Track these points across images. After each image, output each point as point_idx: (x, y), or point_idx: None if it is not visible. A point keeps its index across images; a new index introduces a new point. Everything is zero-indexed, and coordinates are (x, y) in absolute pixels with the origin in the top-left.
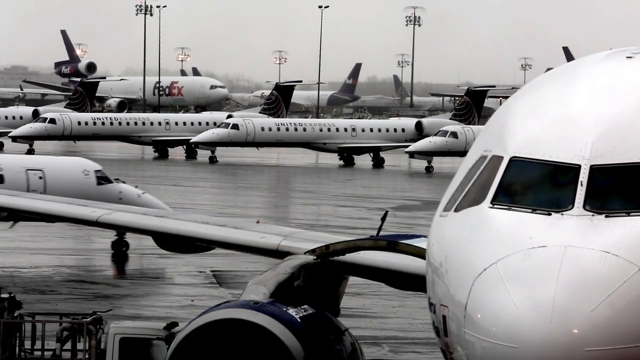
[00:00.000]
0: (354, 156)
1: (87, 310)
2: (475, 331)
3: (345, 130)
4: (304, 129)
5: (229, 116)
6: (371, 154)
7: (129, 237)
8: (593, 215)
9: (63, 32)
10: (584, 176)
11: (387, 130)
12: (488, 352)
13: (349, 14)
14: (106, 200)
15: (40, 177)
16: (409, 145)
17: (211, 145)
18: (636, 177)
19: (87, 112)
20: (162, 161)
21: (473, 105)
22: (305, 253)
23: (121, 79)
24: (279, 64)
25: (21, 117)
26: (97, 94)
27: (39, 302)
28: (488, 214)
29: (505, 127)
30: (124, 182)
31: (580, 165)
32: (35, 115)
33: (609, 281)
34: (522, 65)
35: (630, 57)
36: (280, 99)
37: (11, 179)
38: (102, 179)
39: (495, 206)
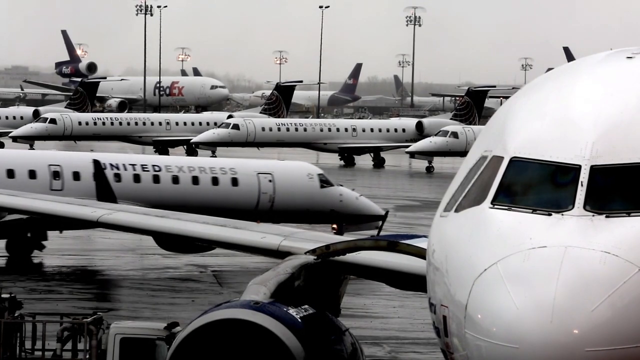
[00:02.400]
0: (355, 156)
1: (88, 310)
2: (476, 331)
3: (346, 130)
4: (305, 129)
5: (230, 116)
6: (372, 154)
7: (130, 237)
8: (593, 215)
9: (63, 32)
10: (584, 176)
11: (388, 131)
12: (488, 352)
13: (349, 14)
14: (328, 203)
15: (270, 180)
16: (409, 146)
17: (212, 145)
18: (636, 178)
19: (87, 112)
20: None
21: (474, 105)
22: (305, 253)
23: (122, 79)
24: (280, 64)
25: (22, 117)
26: (97, 94)
27: (39, 302)
28: (488, 214)
29: (506, 128)
30: (341, 185)
31: (580, 166)
32: (36, 116)
33: (609, 281)
34: (522, 65)
35: (631, 57)
36: (280, 99)
37: (244, 182)
38: (325, 182)
39: (496, 206)
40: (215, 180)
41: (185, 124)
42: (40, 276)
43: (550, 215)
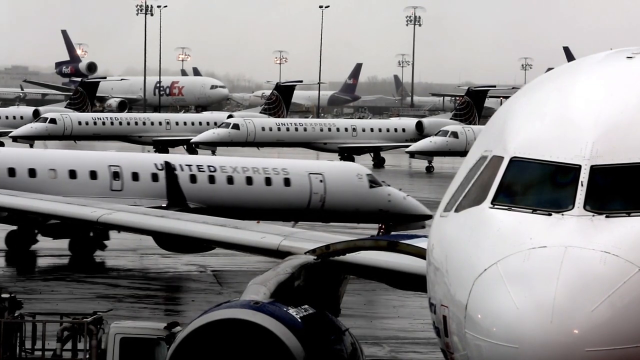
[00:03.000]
0: (355, 156)
1: (88, 310)
2: (476, 331)
3: (346, 130)
4: (305, 129)
5: (230, 116)
6: (372, 154)
7: (130, 237)
8: (593, 215)
9: (64, 32)
10: (584, 176)
11: (388, 130)
12: (488, 352)
13: (349, 14)
14: (376, 203)
15: (321, 181)
16: (409, 145)
17: (212, 145)
18: (636, 177)
19: (87, 112)
20: None
21: (474, 105)
22: (305, 253)
23: (122, 79)
24: (280, 64)
25: (22, 117)
26: (97, 94)
27: (39, 302)
28: (488, 214)
29: (506, 128)
30: (389, 185)
31: (580, 166)
32: (36, 115)
33: (609, 281)
34: (522, 65)
35: (631, 57)
36: (280, 99)
37: (296, 182)
38: (373, 182)
39: (496, 206)
40: (268, 181)
41: (185, 123)
42: (41, 276)
43: (550, 215)
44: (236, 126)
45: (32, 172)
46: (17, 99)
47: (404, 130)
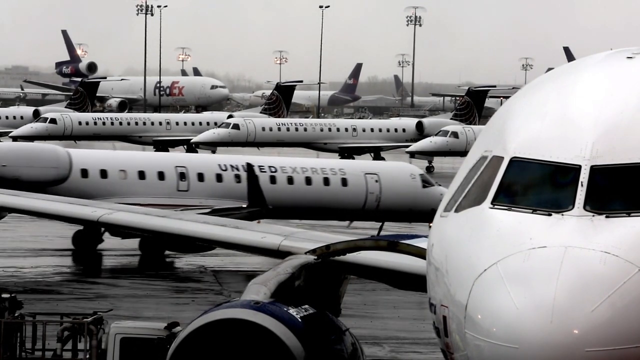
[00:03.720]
0: (355, 156)
1: (88, 310)
2: (476, 331)
3: (346, 130)
4: (305, 129)
5: (230, 116)
6: (372, 154)
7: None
8: (593, 215)
9: (64, 32)
10: (584, 177)
11: (388, 130)
12: (488, 352)
13: (349, 14)
14: (429, 202)
15: (376, 181)
16: (409, 145)
17: (212, 145)
18: (636, 178)
19: (87, 112)
20: None
21: (474, 105)
22: (306, 253)
23: (122, 79)
24: (280, 64)
25: (22, 117)
26: (97, 94)
27: (39, 302)
28: (488, 215)
29: (506, 128)
30: (440, 185)
31: (580, 166)
32: (36, 115)
33: (609, 281)
34: (522, 65)
35: (631, 57)
36: (281, 99)
37: (353, 182)
38: (426, 182)
39: (496, 207)
40: (326, 181)
41: (185, 123)
42: (41, 276)
43: (550, 215)
44: (236, 126)
45: (103, 173)
46: (17, 99)
47: (404, 130)
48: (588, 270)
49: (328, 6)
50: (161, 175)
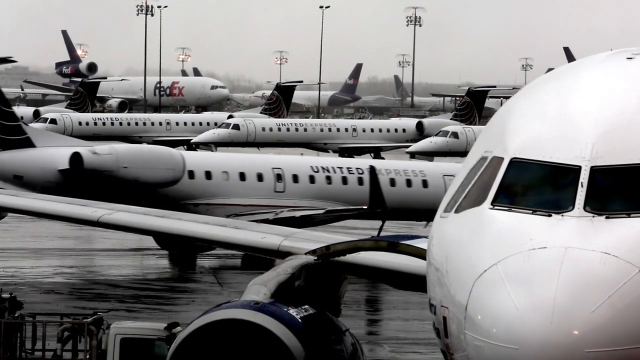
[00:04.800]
0: (355, 156)
1: (88, 311)
2: (476, 332)
3: (346, 130)
4: (305, 129)
5: (230, 116)
6: (372, 154)
7: (130, 237)
8: (593, 216)
9: (64, 32)
10: (584, 177)
11: (388, 131)
12: (488, 353)
13: (349, 14)
14: None
15: None
16: (409, 146)
17: (212, 145)
18: (636, 178)
19: (88, 112)
20: None
21: (474, 105)
22: (306, 253)
23: (122, 79)
24: (280, 64)
25: (22, 118)
26: (98, 94)
27: (39, 302)
28: (488, 215)
29: (506, 128)
30: None
31: (580, 167)
32: (36, 116)
33: (609, 282)
34: (522, 65)
35: (631, 58)
36: (281, 99)
37: (433, 184)
38: None
39: (496, 207)
40: (409, 183)
41: (185, 124)
42: (41, 276)
43: (550, 216)
44: (236, 126)
45: (208, 175)
46: (17, 99)
47: (404, 130)
48: (588, 270)
49: (328, 6)
50: (260, 177)
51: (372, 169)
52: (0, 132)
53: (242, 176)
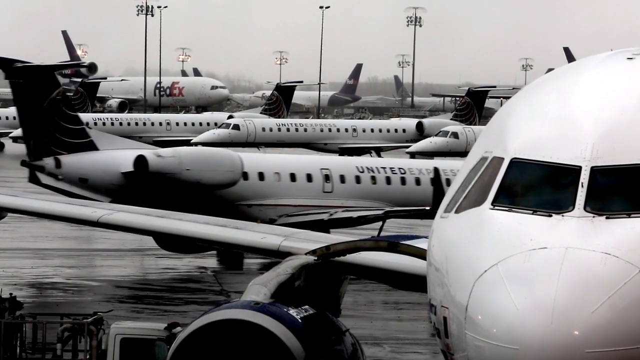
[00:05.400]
0: (355, 157)
1: (88, 311)
2: (476, 332)
3: (346, 130)
4: (305, 130)
5: (230, 117)
6: (372, 154)
7: (130, 237)
8: (594, 216)
9: (64, 33)
10: (584, 177)
11: (388, 131)
12: (488, 353)
13: (349, 14)
14: None
15: None
16: (409, 146)
17: (212, 145)
18: (637, 179)
19: (88, 112)
20: None
21: (474, 105)
22: (306, 254)
23: (122, 80)
24: (280, 64)
25: None
26: (97, 95)
27: (40, 302)
28: (489, 216)
29: (506, 129)
30: None
31: (580, 167)
32: None
33: (609, 282)
34: (523, 65)
35: (631, 58)
36: (281, 100)
37: None
38: None
39: (496, 207)
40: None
41: (185, 124)
42: (41, 276)
43: (550, 216)
44: (236, 127)
45: (261, 176)
46: None
47: (404, 130)
48: (588, 271)
49: (328, 6)
50: (309, 178)
51: (436, 170)
52: (65, 135)
53: (293, 177)
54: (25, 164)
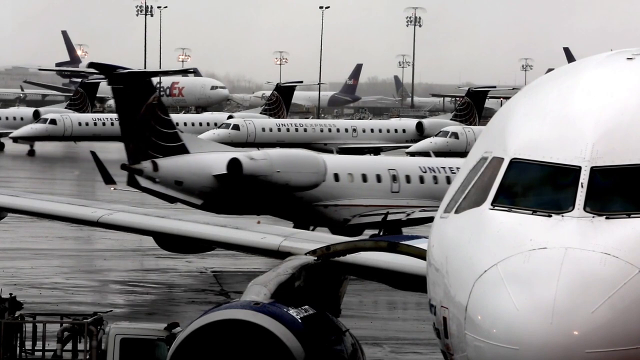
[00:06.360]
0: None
1: (88, 311)
2: (476, 333)
3: (346, 130)
4: (305, 130)
5: (230, 117)
6: (372, 155)
7: (130, 237)
8: (593, 217)
9: (64, 33)
10: (584, 178)
11: (388, 131)
12: (488, 353)
13: (349, 14)
14: None
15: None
16: (409, 146)
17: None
18: (636, 179)
19: (87, 112)
20: None
21: (474, 105)
22: (306, 254)
23: None
24: (280, 64)
25: (22, 118)
26: (97, 95)
27: (39, 302)
28: (489, 216)
29: (506, 129)
30: None
31: (580, 167)
32: (36, 116)
33: (609, 283)
34: (522, 65)
35: (631, 58)
36: (281, 100)
37: None
38: None
39: (496, 208)
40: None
41: (185, 124)
42: (41, 276)
43: (550, 216)
44: (236, 127)
45: (336, 177)
46: (17, 99)
47: (404, 130)
48: (588, 271)
49: (328, 7)
50: (379, 178)
51: None
52: (160, 139)
53: (364, 178)
54: (124, 168)
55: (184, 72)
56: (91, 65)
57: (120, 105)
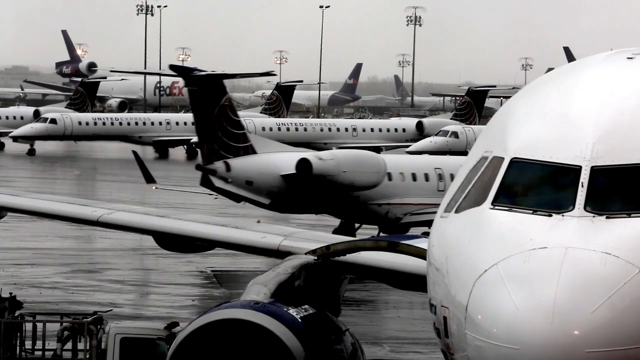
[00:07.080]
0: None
1: (88, 310)
2: (476, 332)
3: (346, 130)
4: (305, 129)
5: None
6: None
7: (130, 237)
8: (594, 216)
9: (64, 32)
10: (584, 177)
11: (388, 130)
12: (489, 353)
13: (349, 13)
14: None
15: None
16: (409, 145)
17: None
18: (637, 178)
19: (87, 112)
20: (162, 161)
21: (474, 105)
22: (306, 253)
23: (122, 79)
24: (280, 64)
25: (22, 117)
26: (97, 94)
27: (39, 302)
28: (489, 215)
29: (506, 128)
30: None
31: (581, 167)
32: (36, 116)
33: (609, 282)
34: (522, 65)
35: (631, 58)
36: (281, 99)
37: None
38: None
39: (496, 207)
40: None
41: (185, 123)
42: (41, 276)
43: (550, 216)
44: None
45: (389, 176)
46: (17, 99)
47: (404, 130)
48: (588, 271)
49: (328, 6)
50: (427, 177)
51: None
52: (231, 139)
53: (414, 177)
54: (199, 168)
55: (265, 75)
56: (171, 67)
57: (195, 107)
